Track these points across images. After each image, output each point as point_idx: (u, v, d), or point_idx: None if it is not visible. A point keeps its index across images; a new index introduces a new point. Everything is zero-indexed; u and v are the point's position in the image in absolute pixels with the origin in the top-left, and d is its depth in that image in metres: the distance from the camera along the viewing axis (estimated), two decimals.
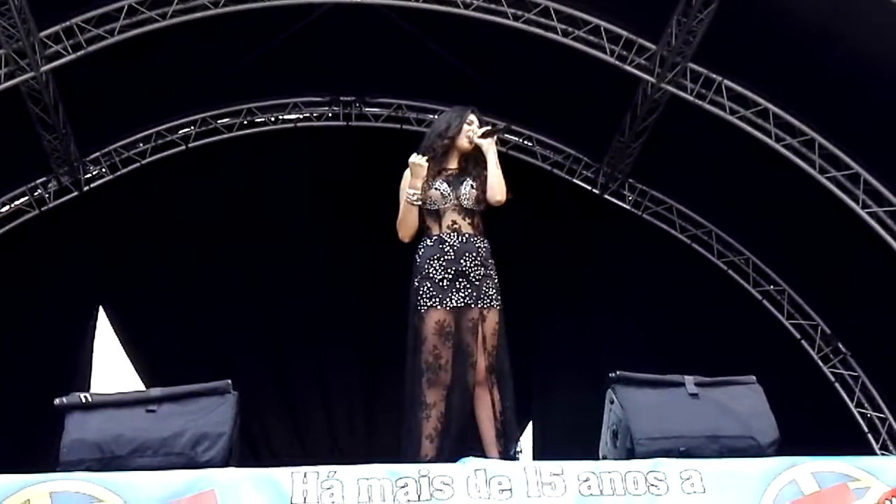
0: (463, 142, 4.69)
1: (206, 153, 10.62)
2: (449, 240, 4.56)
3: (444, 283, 4.51)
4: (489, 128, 4.75)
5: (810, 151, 9.06)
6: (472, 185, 4.63)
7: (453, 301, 4.50)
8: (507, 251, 4.97)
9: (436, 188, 4.62)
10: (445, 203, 4.61)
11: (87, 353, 10.48)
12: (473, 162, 4.71)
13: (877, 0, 7.68)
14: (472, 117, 4.77)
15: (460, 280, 4.51)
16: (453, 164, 4.73)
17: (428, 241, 4.60)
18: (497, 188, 4.57)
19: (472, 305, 4.52)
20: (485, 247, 4.64)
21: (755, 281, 10.67)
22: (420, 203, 4.61)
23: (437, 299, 4.49)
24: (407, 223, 4.63)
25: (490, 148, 4.63)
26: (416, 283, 4.56)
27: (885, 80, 8.22)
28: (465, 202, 4.61)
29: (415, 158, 4.60)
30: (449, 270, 4.52)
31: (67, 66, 8.98)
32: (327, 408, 10.68)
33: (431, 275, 4.52)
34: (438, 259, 4.53)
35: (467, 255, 4.55)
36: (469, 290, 4.52)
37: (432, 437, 4.42)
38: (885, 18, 7.80)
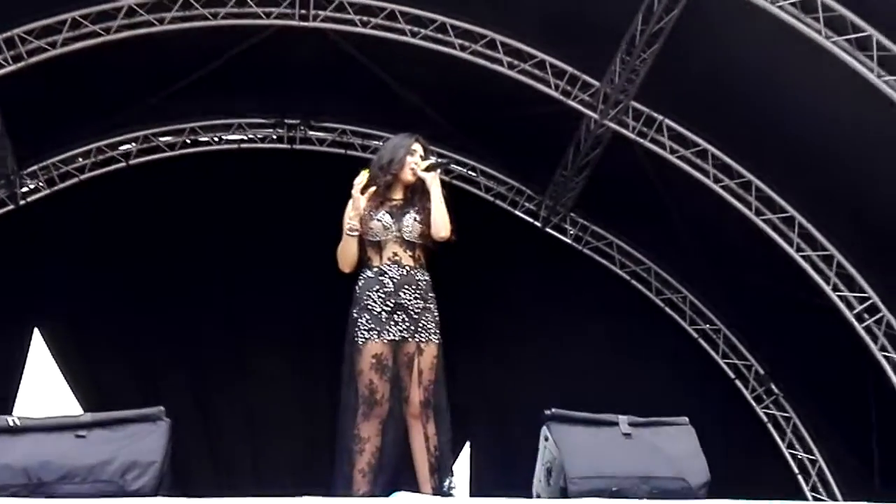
0: (406, 175, 4.64)
1: (146, 171, 10.51)
2: (389, 272, 4.52)
3: (383, 316, 4.47)
4: (432, 161, 4.72)
5: (747, 193, 9.22)
6: (415, 219, 4.58)
7: (391, 334, 4.47)
8: (447, 283, 4.96)
9: (378, 219, 4.57)
10: (387, 235, 4.56)
11: (18, 373, 10.28)
12: (420, 194, 4.65)
13: (814, 51, 7.85)
14: (417, 146, 4.70)
15: (398, 313, 4.48)
16: (398, 195, 4.66)
17: (368, 272, 4.56)
18: (441, 224, 4.53)
19: (410, 339, 4.49)
20: (425, 280, 4.60)
21: (691, 319, 10.80)
22: (357, 235, 4.57)
23: (375, 332, 4.46)
24: (346, 254, 4.59)
25: (434, 182, 4.59)
26: (355, 315, 4.52)
27: (818, 127, 8.42)
28: (408, 235, 4.57)
29: (355, 191, 4.57)
30: (388, 303, 4.48)
31: (7, 77, 8.86)
32: (254, 440, 10.57)
33: (370, 306, 4.49)
34: (377, 291, 4.49)
35: (406, 287, 4.51)
36: (407, 324, 4.49)
37: (365, 471, 4.38)
38: (821, 68, 8.00)
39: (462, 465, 10.41)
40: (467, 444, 10.64)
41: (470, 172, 10.83)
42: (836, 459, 10.17)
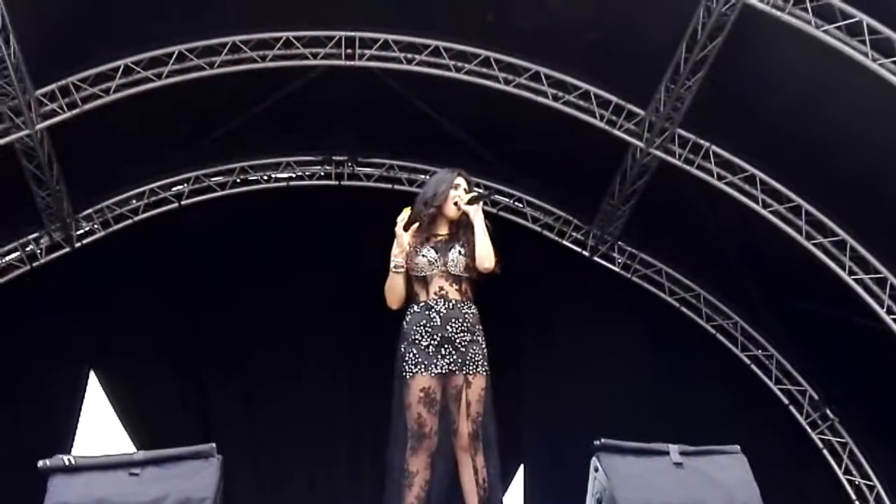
0: (450, 209, 4.67)
1: (198, 211, 10.66)
2: (436, 306, 4.55)
3: (430, 350, 4.50)
4: (475, 194, 4.74)
5: (797, 217, 9.16)
6: (460, 252, 4.60)
7: (439, 367, 4.49)
8: (496, 314, 4.99)
9: (423, 255, 4.60)
10: (433, 270, 4.59)
11: (76, 414, 10.43)
12: (464, 228, 4.67)
13: (860, 74, 7.83)
14: (460, 180, 4.72)
15: (446, 346, 4.50)
16: (443, 230, 4.69)
17: (415, 307, 4.59)
18: (485, 256, 4.54)
19: (458, 372, 4.50)
20: (472, 313, 4.61)
21: (743, 345, 10.70)
22: (403, 271, 4.61)
23: (423, 365, 4.49)
24: (394, 291, 4.63)
25: (477, 215, 4.61)
26: (402, 349, 4.56)
27: (867, 150, 8.37)
28: (453, 269, 4.60)
29: (397, 228, 4.62)
30: (435, 337, 4.51)
31: (62, 123, 9.06)
32: (310, 476, 10.60)
33: (417, 341, 4.52)
34: (424, 325, 4.53)
35: (453, 321, 4.54)
36: (454, 357, 4.51)
37: None
38: (868, 90, 7.98)
39: (515, 496, 10.41)
40: (520, 473, 10.63)
41: (517, 204, 10.87)
42: (895, 485, 10.00)
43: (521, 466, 10.74)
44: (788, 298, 9.91)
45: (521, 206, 10.88)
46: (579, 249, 10.86)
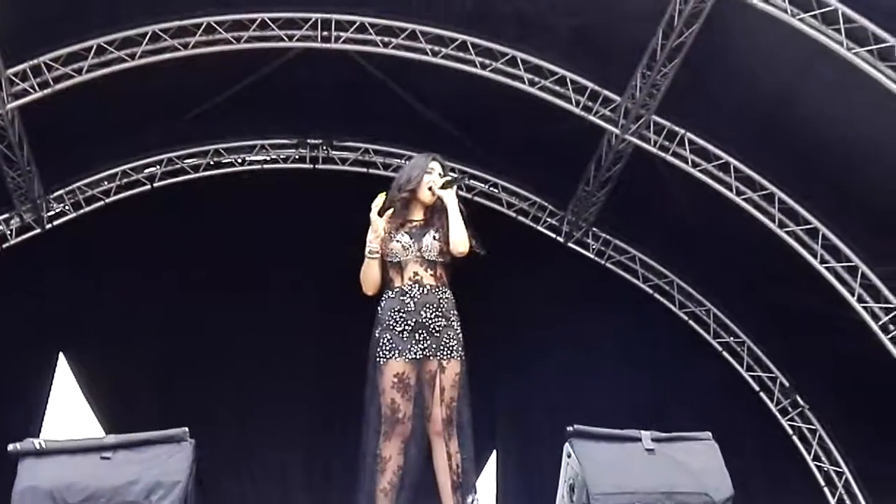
0: (424, 194, 4.66)
1: (171, 193, 10.59)
2: (410, 291, 4.55)
3: (404, 335, 4.50)
4: (448, 178, 4.72)
5: (770, 205, 9.21)
6: (434, 237, 4.60)
7: (413, 352, 4.49)
8: (470, 299, 4.98)
9: (397, 240, 4.59)
10: (407, 255, 4.58)
11: (45, 397, 10.35)
12: (439, 213, 4.66)
13: (835, 63, 7.86)
14: (434, 165, 4.71)
15: (420, 332, 4.50)
16: (418, 216, 4.69)
17: (390, 292, 4.59)
18: (458, 241, 4.54)
19: (431, 357, 4.50)
20: (447, 298, 4.61)
21: (715, 332, 10.78)
22: (378, 257, 4.61)
23: (397, 351, 4.49)
24: (369, 276, 4.63)
25: (451, 199, 4.60)
26: (377, 335, 4.55)
27: (841, 140, 8.41)
28: (428, 254, 4.59)
29: (372, 214, 4.61)
30: (409, 322, 4.51)
31: (33, 103, 8.97)
32: (283, 461, 10.58)
33: (391, 326, 4.52)
34: (399, 311, 4.52)
35: (428, 306, 4.53)
36: (429, 342, 4.50)
37: (387, 490, 4.41)
38: (842, 79, 8.02)
39: (488, 481, 10.44)
40: (493, 458, 10.66)
41: (492, 189, 10.87)
42: (863, 472, 10.10)
43: (494, 452, 10.78)
44: (760, 286, 9.97)
45: (496, 191, 10.88)
46: (554, 235, 10.87)
